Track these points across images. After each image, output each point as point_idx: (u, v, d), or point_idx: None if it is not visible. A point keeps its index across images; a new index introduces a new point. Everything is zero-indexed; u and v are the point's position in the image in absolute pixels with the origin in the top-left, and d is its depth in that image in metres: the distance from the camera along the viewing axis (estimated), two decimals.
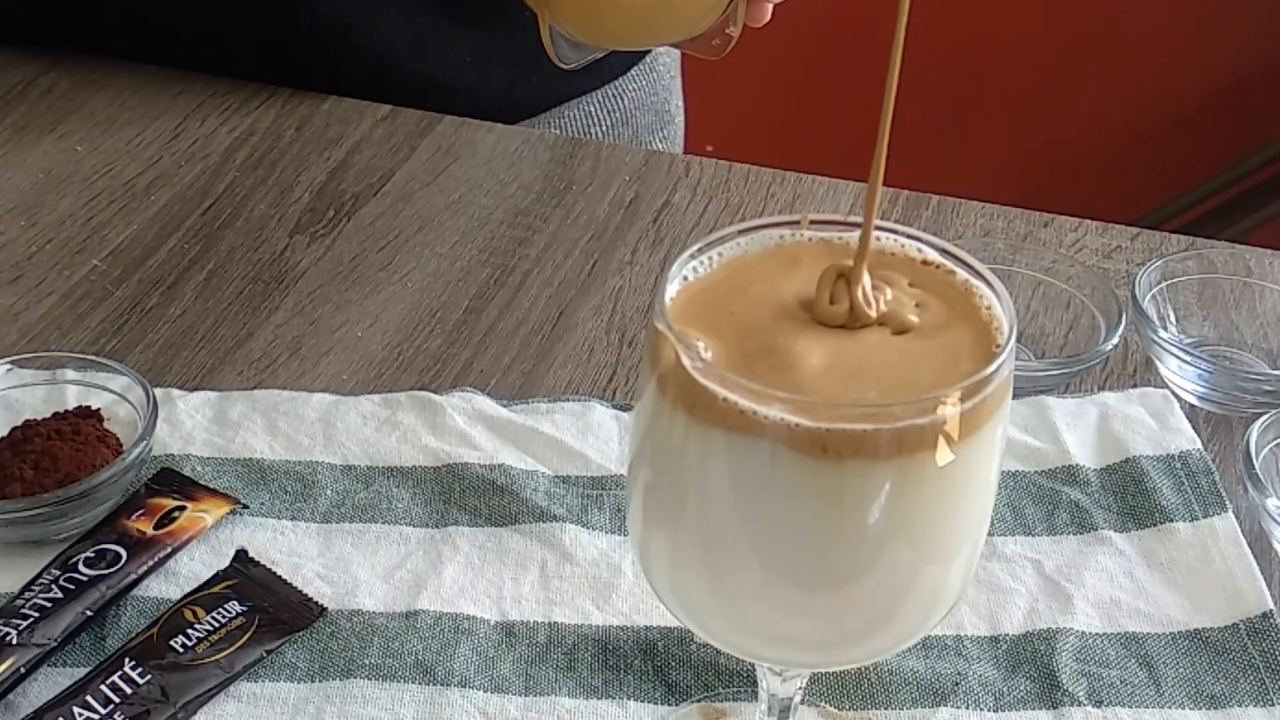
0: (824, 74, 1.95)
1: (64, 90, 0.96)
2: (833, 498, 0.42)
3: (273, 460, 0.68)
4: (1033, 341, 0.77)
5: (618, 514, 0.66)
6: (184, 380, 0.73)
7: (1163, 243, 0.86)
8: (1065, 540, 0.66)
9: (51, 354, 0.72)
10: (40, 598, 0.60)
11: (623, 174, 0.90)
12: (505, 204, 0.87)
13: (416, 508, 0.66)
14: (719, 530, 0.44)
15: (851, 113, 1.29)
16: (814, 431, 0.41)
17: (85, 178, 0.88)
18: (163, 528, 0.63)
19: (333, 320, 0.78)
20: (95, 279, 0.80)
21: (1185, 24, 1.97)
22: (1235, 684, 0.60)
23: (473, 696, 0.58)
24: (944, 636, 0.61)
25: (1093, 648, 0.61)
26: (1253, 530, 0.66)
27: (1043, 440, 0.70)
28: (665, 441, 0.45)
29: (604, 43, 0.69)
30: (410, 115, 0.94)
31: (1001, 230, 0.86)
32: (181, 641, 0.59)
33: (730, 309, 0.45)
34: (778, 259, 0.47)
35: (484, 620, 0.61)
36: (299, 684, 0.59)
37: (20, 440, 0.66)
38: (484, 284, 0.81)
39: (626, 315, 0.79)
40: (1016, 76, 2.02)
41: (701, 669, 0.60)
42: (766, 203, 0.89)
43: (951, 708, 0.59)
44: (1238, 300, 0.77)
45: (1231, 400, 0.72)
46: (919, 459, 0.42)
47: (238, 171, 0.89)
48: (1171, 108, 2.03)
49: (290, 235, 0.84)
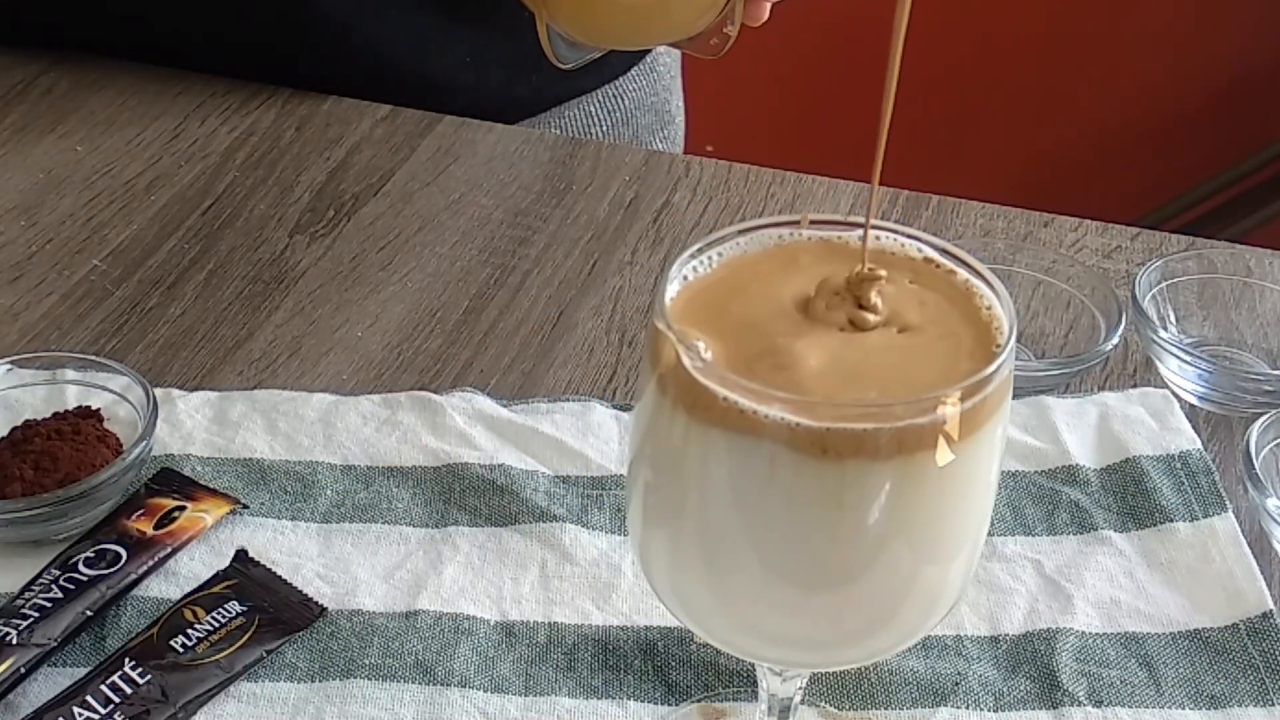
0: (823, 74, 1.95)
1: (64, 90, 0.96)
2: (833, 498, 0.42)
3: (273, 460, 0.68)
4: (1033, 341, 0.77)
5: (618, 514, 0.66)
6: (184, 380, 0.73)
7: (1163, 243, 0.86)
8: (1065, 540, 0.66)
9: (51, 354, 0.72)
10: (40, 598, 0.60)
11: (623, 174, 0.90)
12: (505, 204, 0.87)
13: (416, 508, 0.66)
14: (719, 530, 0.44)
15: (851, 113, 1.29)
16: (814, 431, 0.41)
17: (85, 178, 0.88)
18: (163, 528, 0.63)
19: (333, 320, 0.78)
20: (95, 279, 0.80)
21: (1185, 24, 1.97)
22: (1235, 684, 0.60)
23: (473, 696, 0.58)
24: (944, 636, 0.61)
25: (1093, 648, 0.61)
26: (1253, 530, 0.66)
27: (1043, 440, 0.70)
28: (665, 441, 0.45)
29: (601, 42, 0.69)
30: (410, 115, 0.94)
31: (1001, 230, 0.86)
32: (181, 641, 0.59)
33: (730, 309, 0.45)
34: (777, 258, 0.47)
35: (484, 620, 0.61)
36: (299, 684, 0.59)
37: (20, 440, 0.66)
38: (484, 284, 0.81)
39: (626, 315, 0.79)
40: (1016, 76, 2.02)
41: (701, 669, 0.60)
42: (766, 203, 0.89)
43: (951, 708, 0.59)
44: (1238, 300, 0.77)
45: (1231, 400, 0.72)
46: (919, 459, 0.42)
47: (238, 171, 0.89)
48: (1171, 108, 2.03)
49: (290, 235, 0.84)
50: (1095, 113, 2.03)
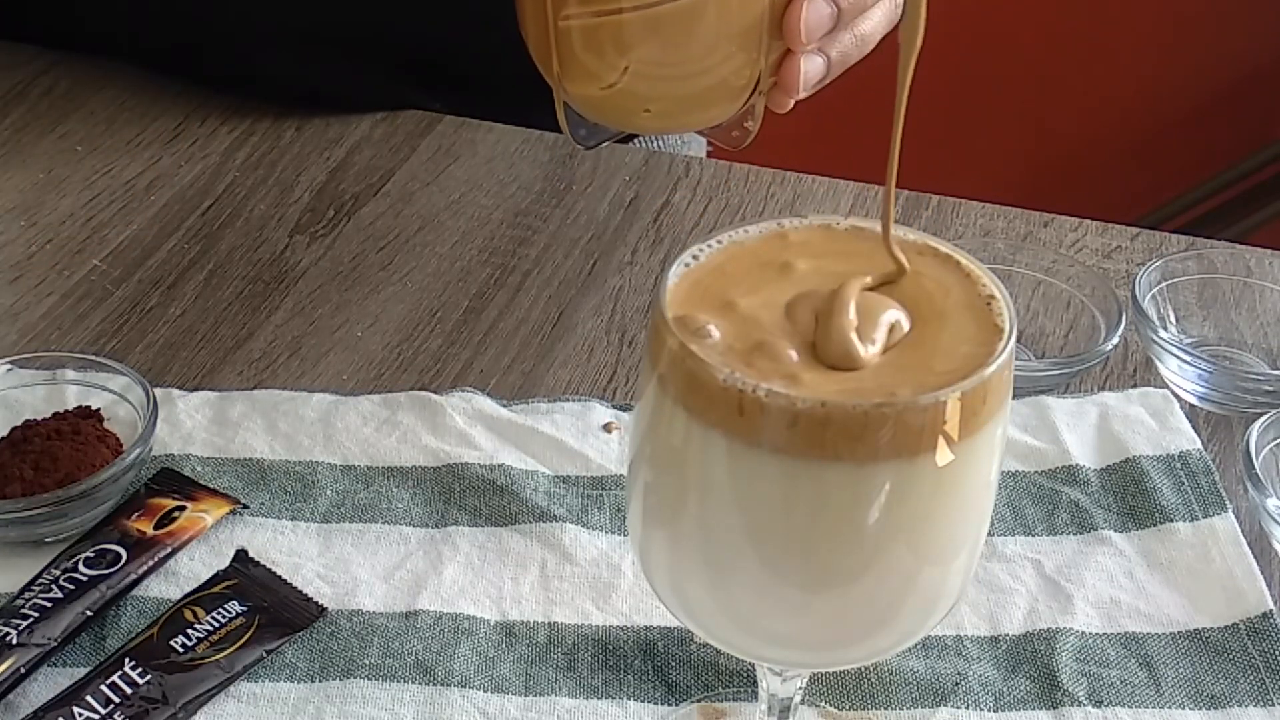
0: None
1: (64, 90, 0.96)
2: (833, 497, 0.42)
3: (273, 460, 0.68)
4: (1033, 341, 0.77)
5: (618, 514, 0.66)
6: (184, 380, 0.73)
7: (1163, 243, 0.86)
8: (1065, 540, 0.66)
9: (51, 354, 0.72)
10: (40, 598, 0.60)
11: (623, 174, 0.90)
12: (505, 204, 0.87)
13: (416, 508, 0.66)
14: (719, 530, 0.44)
15: (851, 113, 1.29)
16: (814, 431, 0.41)
17: (85, 178, 0.88)
18: (163, 528, 0.63)
19: (333, 320, 0.78)
20: (95, 279, 0.80)
21: (1185, 24, 1.97)
22: (1235, 684, 0.60)
23: (473, 696, 0.58)
24: (944, 636, 0.61)
25: (1093, 648, 0.61)
26: (1253, 530, 0.66)
27: (1043, 440, 0.70)
28: (665, 441, 0.45)
29: (622, 129, 0.69)
30: (410, 115, 0.94)
31: (1001, 230, 0.86)
32: (181, 641, 0.59)
33: (730, 302, 0.45)
34: (778, 245, 0.47)
35: (484, 620, 0.61)
36: (299, 684, 0.59)
37: (20, 440, 0.66)
38: (484, 284, 0.81)
39: (626, 315, 0.79)
40: (1016, 77, 2.02)
41: (701, 669, 0.60)
42: (766, 203, 0.89)
43: (951, 708, 0.59)
44: (1238, 300, 0.77)
45: (1231, 400, 0.72)
46: (919, 459, 0.42)
47: (238, 171, 0.89)
48: (1171, 108, 2.03)
49: (290, 235, 0.84)
50: (1095, 113, 2.03)
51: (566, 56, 0.62)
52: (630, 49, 0.60)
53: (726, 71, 0.61)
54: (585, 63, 0.62)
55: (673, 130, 0.95)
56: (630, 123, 0.67)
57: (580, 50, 0.61)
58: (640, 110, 0.64)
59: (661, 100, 0.63)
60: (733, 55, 0.61)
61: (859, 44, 0.65)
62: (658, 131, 0.97)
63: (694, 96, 0.63)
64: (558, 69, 0.62)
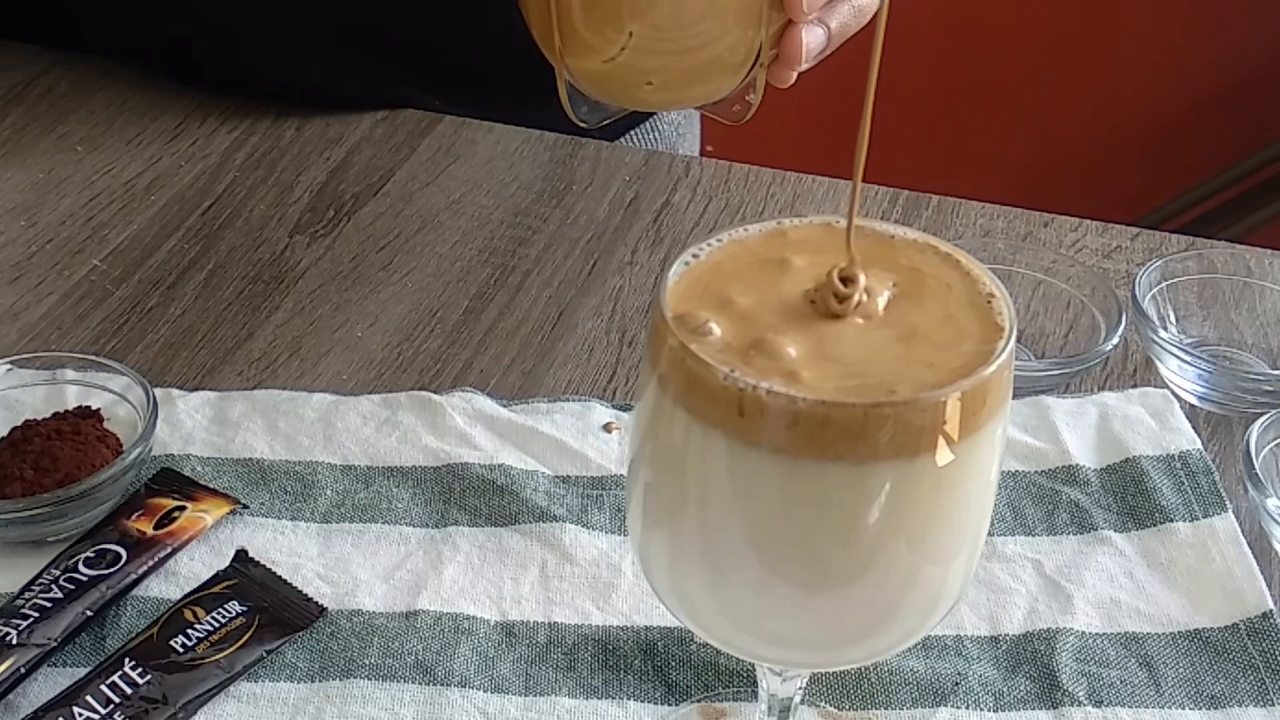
0: (823, 74, 1.95)
1: (64, 90, 0.96)
2: (833, 497, 0.42)
3: (273, 460, 0.68)
4: (1033, 341, 0.77)
5: (618, 514, 0.66)
6: (184, 380, 0.73)
7: (1163, 243, 0.86)
8: (1065, 540, 0.66)
9: (51, 354, 0.72)
10: (40, 598, 0.60)
11: (623, 174, 0.90)
12: (505, 204, 0.87)
13: (416, 508, 0.66)
14: (719, 530, 0.44)
15: (851, 113, 1.28)
16: (814, 431, 0.41)
17: (85, 178, 0.88)
18: (163, 528, 0.63)
19: (333, 320, 0.78)
20: (95, 279, 0.80)
21: (1185, 24, 1.97)
22: (1235, 684, 0.60)
23: (473, 696, 0.58)
24: (944, 636, 0.61)
25: (1093, 648, 0.61)
26: (1253, 530, 0.66)
27: (1043, 440, 0.70)
28: (665, 441, 0.45)
29: (623, 104, 0.69)
30: (410, 115, 0.94)
31: (1001, 230, 0.86)
32: (181, 641, 0.59)
33: (729, 299, 0.45)
34: (777, 243, 0.47)
35: (484, 620, 0.61)
36: (299, 684, 0.59)
37: (20, 440, 0.66)
38: (484, 284, 0.81)
39: (626, 315, 0.79)
40: (1016, 77, 2.02)
41: (701, 669, 0.60)
42: (766, 203, 0.89)
43: (951, 708, 0.59)
44: (1238, 300, 0.77)
45: (1231, 400, 0.72)
46: (919, 459, 0.42)
47: (238, 171, 0.89)
48: (1171, 108, 2.03)
49: (290, 235, 0.84)
50: (1095, 113, 2.03)
51: (568, 30, 0.62)
52: (632, 19, 0.60)
53: (728, 43, 0.62)
54: (587, 36, 0.62)
55: (674, 105, 0.94)
56: (632, 98, 0.67)
57: (581, 23, 0.61)
58: (642, 84, 0.64)
59: (663, 73, 0.64)
60: (734, 26, 0.61)
61: (857, 14, 0.65)
62: (659, 107, 0.96)
63: (695, 69, 0.63)
64: (559, 43, 0.63)
